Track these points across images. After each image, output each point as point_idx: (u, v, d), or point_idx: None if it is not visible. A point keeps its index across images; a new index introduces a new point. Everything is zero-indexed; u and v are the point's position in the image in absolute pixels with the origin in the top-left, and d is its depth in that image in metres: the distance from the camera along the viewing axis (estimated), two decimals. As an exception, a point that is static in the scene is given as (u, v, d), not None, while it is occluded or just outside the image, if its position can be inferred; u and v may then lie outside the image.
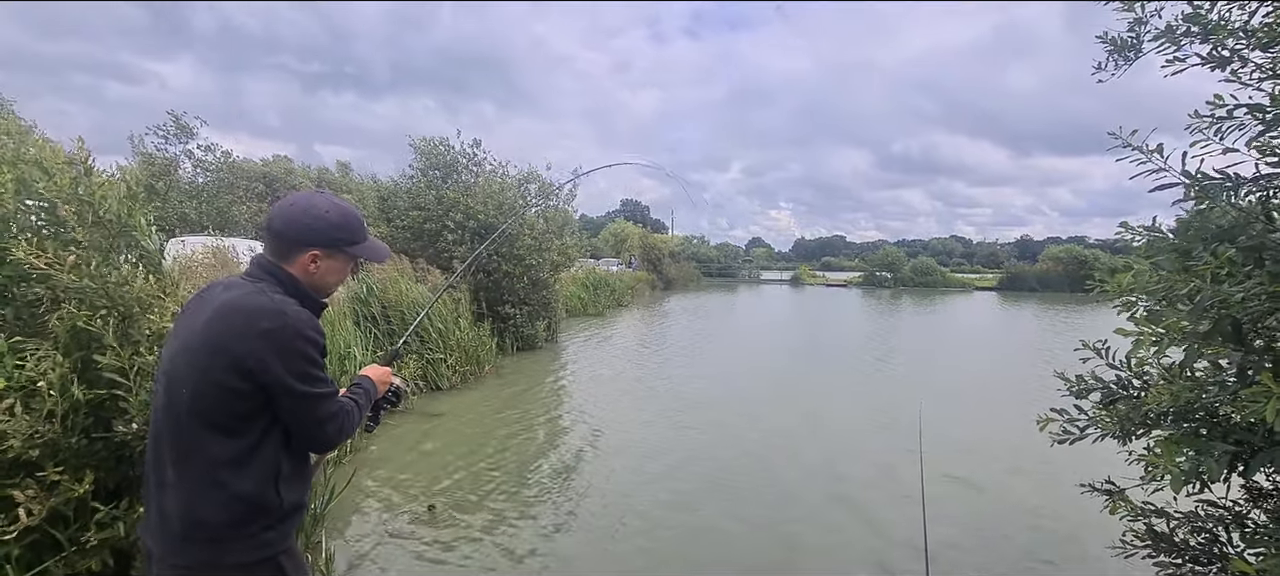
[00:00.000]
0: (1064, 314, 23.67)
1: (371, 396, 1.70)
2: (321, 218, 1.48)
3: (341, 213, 1.53)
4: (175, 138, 16.66)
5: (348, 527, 4.19)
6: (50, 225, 2.22)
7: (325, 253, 1.49)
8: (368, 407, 1.69)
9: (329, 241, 1.49)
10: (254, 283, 1.43)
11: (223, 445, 1.35)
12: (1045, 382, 2.52)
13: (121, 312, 2.19)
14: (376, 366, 1.80)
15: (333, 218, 1.50)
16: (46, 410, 1.93)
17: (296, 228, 1.47)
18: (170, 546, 1.36)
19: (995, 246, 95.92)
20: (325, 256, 1.50)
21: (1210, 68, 2.07)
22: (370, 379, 1.72)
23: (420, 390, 8.05)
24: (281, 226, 1.46)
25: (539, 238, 12.29)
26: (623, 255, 38.44)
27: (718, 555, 3.89)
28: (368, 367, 1.78)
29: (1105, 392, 2.40)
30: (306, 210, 1.48)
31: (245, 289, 1.39)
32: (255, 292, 1.38)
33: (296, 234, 1.46)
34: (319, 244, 1.48)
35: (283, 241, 1.47)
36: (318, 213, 1.48)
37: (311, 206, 1.49)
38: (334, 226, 1.50)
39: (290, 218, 1.47)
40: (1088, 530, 4.14)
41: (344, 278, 1.59)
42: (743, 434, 6.63)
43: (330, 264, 1.52)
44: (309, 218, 1.47)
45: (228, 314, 1.34)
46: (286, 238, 1.47)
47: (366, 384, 1.70)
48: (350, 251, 1.55)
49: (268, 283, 1.44)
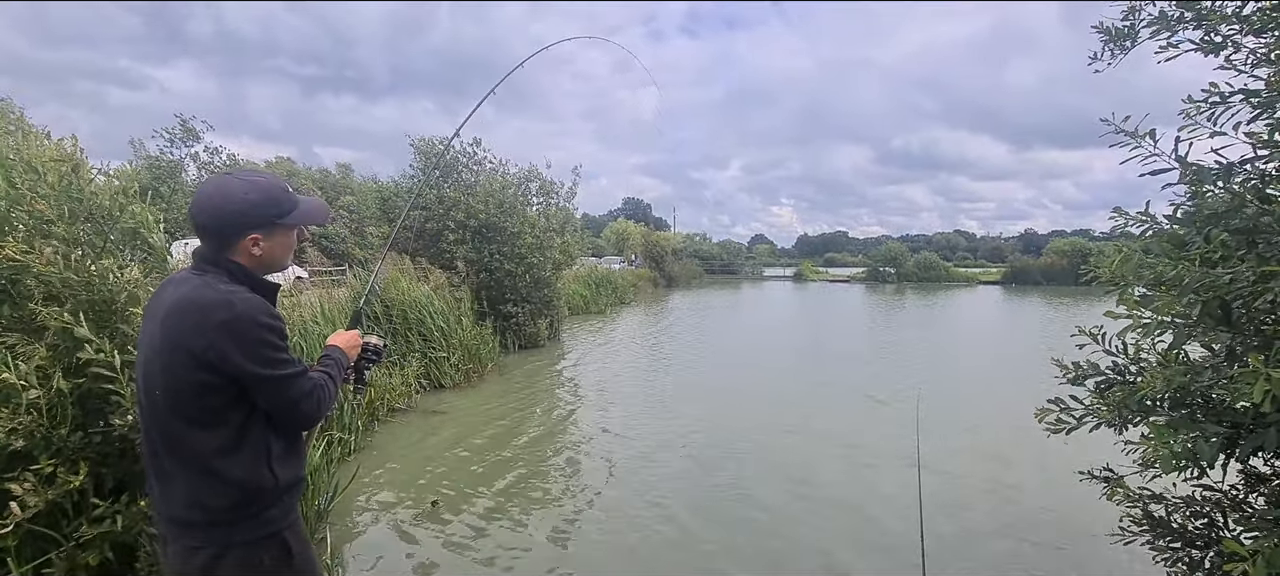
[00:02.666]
0: (1068, 306, 23.59)
1: (343, 363, 1.69)
2: (243, 201, 1.41)
3: (261, 189, 1.44)
4: (181, 141, 16.77)
5: (352, 523, 4.22)
6: (36, 221, 2.23)
7: (263, 234, 1.44)
8: (343, 376, 1.69)
9: (261, 221, 1.43)
10: (201, 276, 1.40)
11: (207, 437, 1.36)
12: (1046, 373, 2.52)
13: (103, 305, 2.20)
14: (342, 333, 1.79)
15: (253, 198, 1.42)
16: (26, 402, 1.94)
17: (221, 218, 1.41)
18: (180, 531, 1.41)
19: (999, 240, 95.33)
20: (265, 237, 1.45)
21: (1203, 54, 2.06)
22: (338, 348, 1.70)
23: (423, 388, 8.08)
24: (206, 220, 1.41)
25: (540, 236, 12.30)
26: (625, 253, 38.46)
27: (718, 551, 3.89)
28: (334, 336, 1.76)
29: (1101, 379, 2.40)
30: (227, 198, 1.40)
31: (193, 283, 1.37)
32: (203, 286, 1.36)
33: (223, 225, 1.41)
34: (253, 227, 1.42)
35: (215, 236, 1.42)
36: (238, 197, 1.40)
37: (229, 194, 1.41)
38: (257, 206, 1.42)
39: (212, 209, 1.40)
40: (1086, 518, 4.14)
41: (292, 248, 1.54)
42: (745, 430, 6.63)
43: (271, 242, 1.46)
44: (232, 205, 1.40)
45: (180, 312, 1.33)
46: (216, 232, 1.41)
47: (335, 353, 1.68)
48: (286, 223, 1.48)
49: (213, 274, 1.41)
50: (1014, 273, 43.33)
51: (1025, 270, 42.67)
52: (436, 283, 9.97)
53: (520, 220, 12.01)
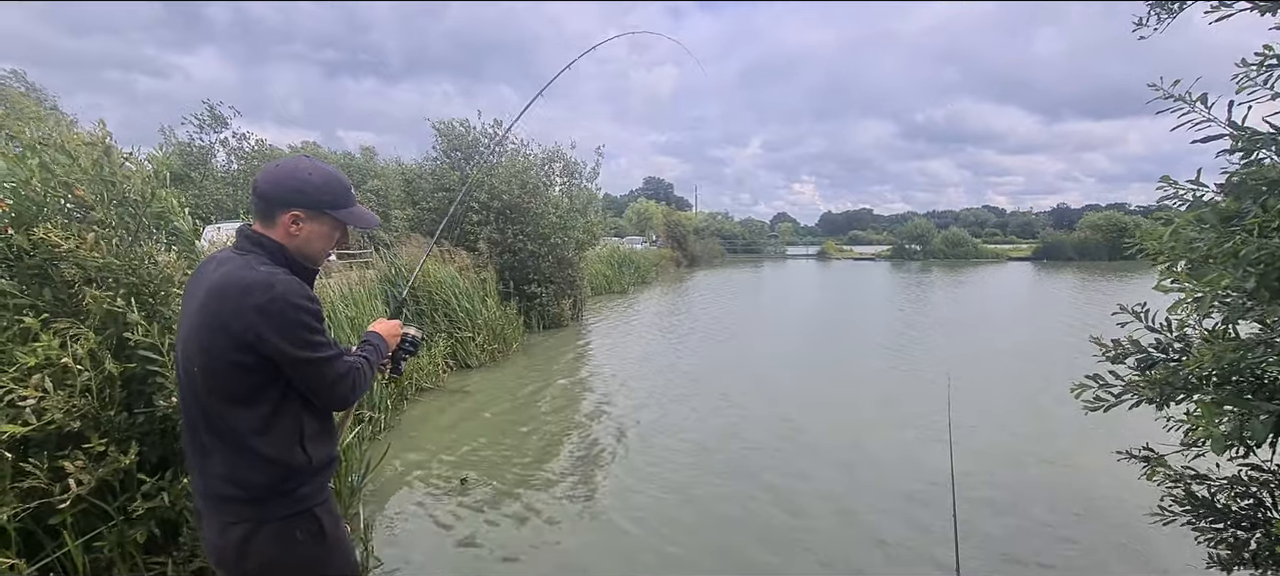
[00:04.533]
0: (1103, 282, 22.94)
1: (382, 350, 1.73)
2: (305, 179, 1.47)
3: (325, 176, 1.51)
4: (209, 127, 17.09)
5: (384, 499, 4.32)
6: (77, 207, 2.29)
7: (307, 214, 1.47)
8: (381, 361, 1.72)
9: (311, 202, 1.47)
10: (242, 255, 1.43)
11: (244, 415, 1.40)
12: (1081, 352, 2.44)
13: (150, 289, 2.26)
14: (384, 321, 1.82)
15: (315, 180, 1.48)
16: (80, 385, 2.01)
17: (280, 189, 1.46)
18: (216, 506, 1.46)
19: (1029, 215, 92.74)
20: (307, 218, 1.48)
21: (1259, 12, 1.95)
22: (379, 334, 1.74)
23: (450, 368, 8.20)
24: (266, 187, 1.46)
25: (564, 216, 12.31)
26: (647, 233, 38.35)
27: (743, 533, 3.90)
28: (376, 323, 1.79)
29: (1143, 357, 2.33)
30: (291, 172, 1.47)
31: (235, 263, 1.40)
32: (243, 266, 1.38)
33: (279, 195, 1.46)
34: (300, 205, 1.46)
35: (266, 202, 1.46)
36: (301, 175, 1.47)
37: (296, 169, 1.48)
38: (316, 188, 1.48)
39: (275, 179, 1.46)
40: (1121, 498, 4.05)
41: (330, 245, 1.56)
42: (771, 412, 6.61)
43: (312, 227, 1.50)
44: (293, 179, 1.46)
45: (220, 292, 1.36)
46: (269, 198, 1.46)
47: (375, 339, 1.72)
48: (334, 215, 1.52)
49: (255, 254, 1.43)
50: (1046, 248, 42.18)
51: (1058, 245, 41.48)
52: (460, 264, 10.06)
53: (543, 201, 12.02)
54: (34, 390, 1.93)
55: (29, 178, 2.15)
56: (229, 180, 17.46)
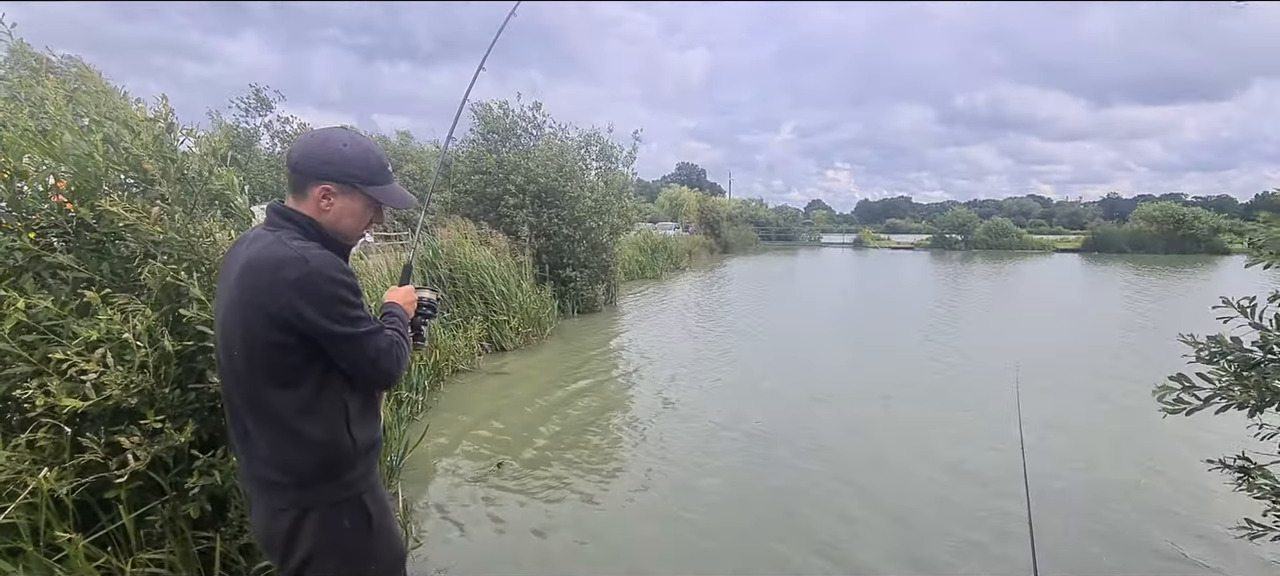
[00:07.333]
0: (1160, 277, 21.87)
1: (405, 319, 1.66)
2: (338, 151, 1.42)
3: (361, 148, 1.46)
4: (255, 110, 17.49)
5: (422, 480, 4.35)
6: (138, 182, 2.31)
7: (338, 188, 1.42)
8: (408, 330, 1.66)
9: (343, 176, 1.42)
10: (273, 232, 1.39)
11: (287, 397, 1.36)
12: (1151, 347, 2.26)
13: (207, 266, 2.27)
14: (397, 289, 1.75)
15: (349, 152, 1.43)
16: (139, 361, 2.02)
17: (311, 159, 1.41)
18: (264, 490, 1.43)
19: (1078, 205, 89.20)
20: (338, 193, 1.43)
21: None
22: (396, 303, 1.67)
23: (485, 350, 8.26)
24: (298, 158, 1.42)
25: (599, 200, 12.26)
26: (680, 219, 38.12)
27: (785, 525, 3.80)
28: (390, 292, 1.72)
29: (1239, 357, 2.14)
30: (324, 142, 1.43)
31: (266, 241, 1.36)
32: (275, 243, 1.34)
33: (310, 166, 1.41)
34: (332, 178, 1.41)
35: (298, 174, 1.42)
36: (334, 145, 1.43)
37: (329, 140, 1.43)
38: (350, 160, 1.43)
39: (307, 149, 1.42)
40: (1205, 508, 3.82)
41: (363, 223, 1.50)
42: (818, 403, 6.47)
43: (344, 202, 1.44)
44: (325, 149, 1.42)
45: (254, 270, 1.32)
46: (301, 170, 1.42)
47: (395, 309, 1.65)
48: (366, 192, 1.46)
49: (287, 230, 1.39)
50: (1096, 239, 40.32)
51: (1109, 236, 39.55)
52: (497, 247, 10.11)
53: (579, 184, 11.99)
54: (96, 364, 1.94)
55: (92, 152, 2.16)
56: (273, 163, 17.88)
